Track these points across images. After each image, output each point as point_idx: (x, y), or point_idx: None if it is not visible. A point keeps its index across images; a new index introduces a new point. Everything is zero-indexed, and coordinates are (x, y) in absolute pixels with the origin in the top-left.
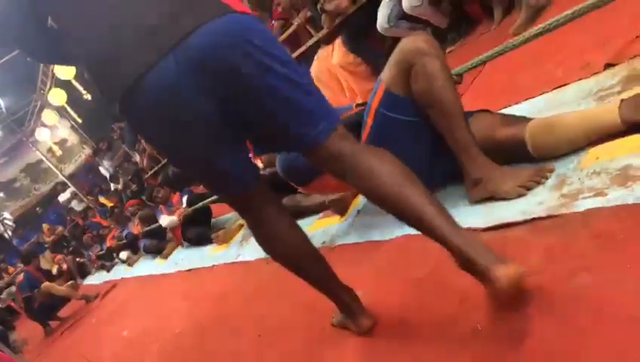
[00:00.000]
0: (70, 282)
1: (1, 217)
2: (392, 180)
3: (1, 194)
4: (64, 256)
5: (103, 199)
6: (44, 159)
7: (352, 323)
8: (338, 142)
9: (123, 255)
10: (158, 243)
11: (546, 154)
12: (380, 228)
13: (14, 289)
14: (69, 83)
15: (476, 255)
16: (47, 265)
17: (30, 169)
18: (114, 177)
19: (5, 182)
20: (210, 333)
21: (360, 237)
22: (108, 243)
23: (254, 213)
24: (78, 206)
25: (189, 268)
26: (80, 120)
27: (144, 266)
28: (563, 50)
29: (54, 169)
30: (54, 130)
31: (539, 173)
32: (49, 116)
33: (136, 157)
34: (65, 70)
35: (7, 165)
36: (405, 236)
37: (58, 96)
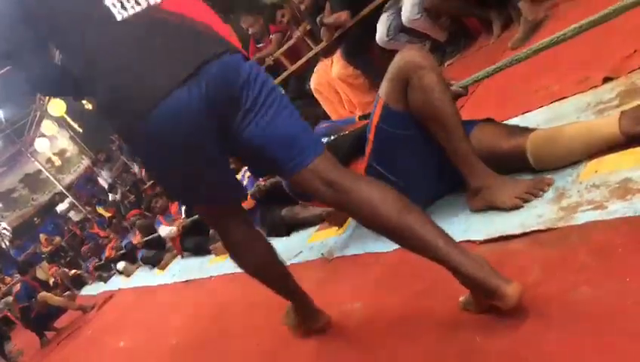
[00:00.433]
0: (68, 293)
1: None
2: (388, 207)
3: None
4: (57, 269)
5: (101, 209)
6: (42, 169)
7: (310, 322)
8: (319, 167)
9: (120, 265)
10: (155, 254)
11: (547, 165)
12: (379, 240)
13: (11, 299)
14: None
15: (485, 277)
16: (43, 275)
17: (29, 179)
18: (112, 188)
19: (3, 192)
20: (208, 345)
21: (358, 249)
22: (107, 253)
23: (227, 224)
24: (75, 216)
25: (186, 279)
26: (79, 130)
27: (141, 277)
28: (561, 64)
29: (53, 179)
30: (53, 140)
31: (537, 186)
32: (48, 126)
33: (135, 168)
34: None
35: (6, 175)
36: (404, 248)
37: (57, 107)
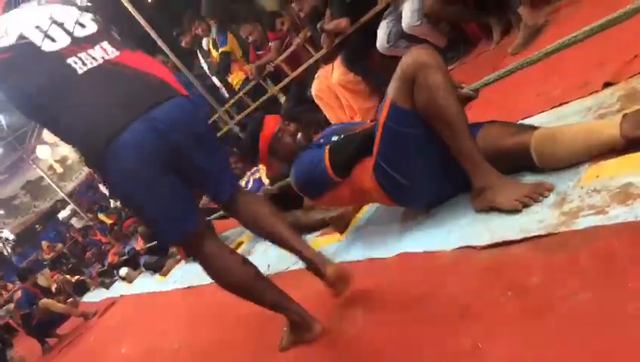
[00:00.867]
0: (70, 300)
1: (3, 235)
2: (268, 220)
3: (1, 211)
4: (59, 276)
5: (102, 216)
6: (44, 176)
7: (306, 332)
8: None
9: (122, 271)
10: (158, 260)
11: (550, 164)
12: (380, 246)
13: (12, 306)
14: None
15: (318, 262)
16: (45, 282)
17: (30, 186)
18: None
19: (5, 199)
20: (209, 351)
21: (360, 255)
22: (110, 259)
23: (202, 249)
24: (77, 223)
25: (188, 285)
26: None
27: (143, 283)
28: (561, 69)
29: (55, 186)
30: (55, 147)
31: (537, 190)
32: (50, 134)
33: None
34: None
35: (8, 182)
36: (405, 253)
37: None
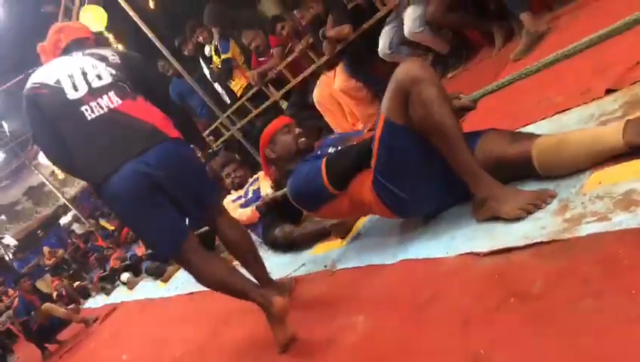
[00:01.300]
0: (72, 306)
1: (5, 241)
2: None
3: (3, 216)
4: (61, 281)
5: (104, 222)
6: (46, 182)
7: (272, 307)
8: (221, 215)
9: (124, 276)
10: (159, 266)
11: (552, 172)
12: (382, 252)
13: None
14: None
15: (267, 294)
16: (45, 288)
17: (32, 192)
18: None
19: (7, 205)
20: (211, 357)
21: (361, 261)
22: (112, 264)
23: (192, 255)
24: (79, 229)
25: (189, 291)
26: None
27: (144, 289)
28: (563, 76)
29: (56, 192)
30: None
31: (540, 197)
32: None
33: None
34: None
35: (10, 188)
36: (407, 260)
37: None
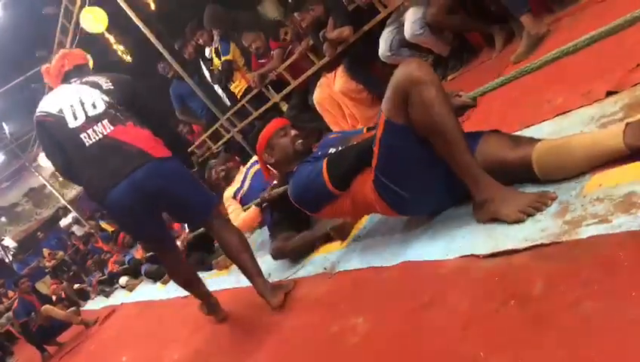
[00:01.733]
0: (72, 309)
1: (5, 243)
2: (237, 248)
3: (3, 218)
4: (59, 285)
5: (104, 224)
6: (46, 184)
7: (216, 314)
8: (214, 219)
9: (122, 280)
10: (158, 268)
11: (552, 176)
12: (382, 254)
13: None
14: None
15: (265, 293)
16: (46, 289)
17: (32, 193)
18: None
19: (7, 207)
20: (210, 359)
21: (361, 263)
22: (109, 268)
23: (166, 254)
24: (79, 231)
25: (188, 293)
26: None
27: (144, 292)
28: (564, 78)
29: (57, 194)
30: None
31: (540, 200)
32: None
33: None
34: None
35: (10, 189)
36: (407, 262)
37: None
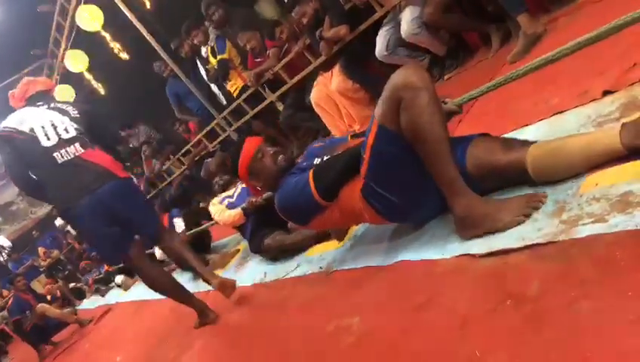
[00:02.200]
0: (68, 309)
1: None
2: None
3: None
4: (54, 285)
5: None
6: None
7: (207, 319)
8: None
9: (118, 279)
10: None
11: (548, 178)
12: (379, 254)
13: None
14: None
15: (207, 276)
16: (41, 288)
17: None
18: None
19: (2, 205)
20: (205, 358)
21: (357, 263)
22: (106, 267)
23: (137, 264)
24: (74, 230)
25: None
26: None
27: (139, 291)
28: (560, 78)
29: None
30: None
31: (533, 199)
32: None
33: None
34: (64, 93)
35: (5, 188)
36: (404, 261)
37: None
